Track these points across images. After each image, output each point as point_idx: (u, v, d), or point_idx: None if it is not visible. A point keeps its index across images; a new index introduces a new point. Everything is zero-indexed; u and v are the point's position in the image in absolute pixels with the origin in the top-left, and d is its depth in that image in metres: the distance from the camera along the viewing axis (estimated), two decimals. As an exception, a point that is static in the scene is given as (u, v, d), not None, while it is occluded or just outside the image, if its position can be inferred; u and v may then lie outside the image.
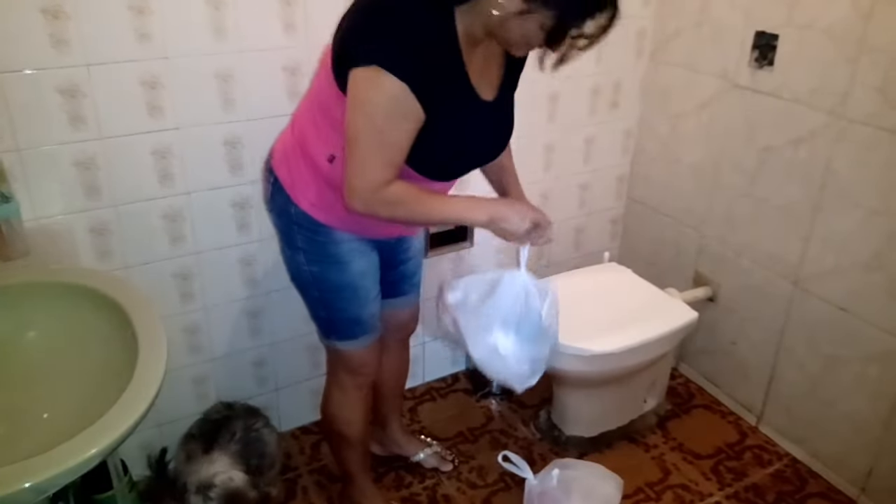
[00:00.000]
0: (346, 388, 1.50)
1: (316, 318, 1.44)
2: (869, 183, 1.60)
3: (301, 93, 1.59)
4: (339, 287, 1.35)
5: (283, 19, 1.51)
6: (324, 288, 1.36)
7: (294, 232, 1.32)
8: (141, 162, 1.48)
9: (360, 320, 1.40)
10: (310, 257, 1.33)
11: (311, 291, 1.38)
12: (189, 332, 1.70)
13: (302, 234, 1.32)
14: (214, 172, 1.57)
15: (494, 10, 1.05)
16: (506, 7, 1.04)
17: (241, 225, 1.65)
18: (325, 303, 1.38)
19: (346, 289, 1.35)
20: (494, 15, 1.06)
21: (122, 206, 1.50)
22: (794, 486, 1.84)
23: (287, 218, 1.32)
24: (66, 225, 1.45)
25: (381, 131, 1.08)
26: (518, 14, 1.04)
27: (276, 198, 1.34)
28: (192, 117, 1.50)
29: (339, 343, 1.43)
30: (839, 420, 1.79)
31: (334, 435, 1.59)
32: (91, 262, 1.51)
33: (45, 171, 1.39)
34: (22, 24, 1.27)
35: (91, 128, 1.40)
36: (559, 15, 1.03)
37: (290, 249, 1.36)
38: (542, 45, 1.10)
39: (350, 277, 1.34)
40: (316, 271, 1.34)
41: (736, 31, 1.82)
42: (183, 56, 1.44)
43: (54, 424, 1.10)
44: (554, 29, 1.05)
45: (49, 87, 1.34)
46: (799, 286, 1.82)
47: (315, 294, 1.38)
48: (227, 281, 1.70)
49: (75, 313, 1.19)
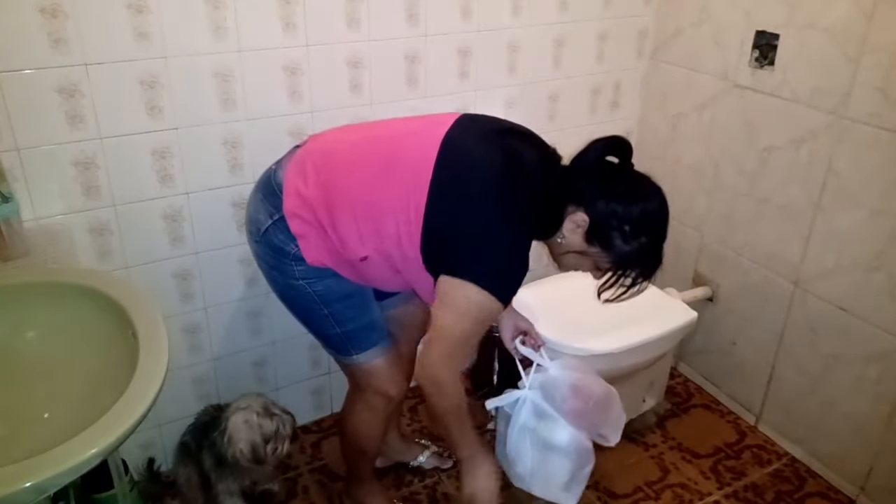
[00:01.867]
0: (377, 410, 1.48)
1: (329, 340, 1.38)
2: (870, 182, 1.60)
3: (301, 92, 1.58)
4: (345, 295, 1.32)
5: (283, 18, 1.51)
6: (331, 300, 1.31)
7: (288, 265, 1.28)
8: (140, 162, 1.48)
9: (373, 325, 1.38)
10: (309, 280, 1.29)
11: (319, 311, 1.32)
12: (189, 332, 1.70)
13: (300, 268, 1.28)
14: (214, 172, 1.57)
15: (559, 239, 1.22)
16: (569, 242, 1.21)
17: (241, 225, 1.64)
18: (335, 317, 1.33)
19: (352, 294, 1.33)
20: (558, 243, 1.23)
21: (121, 206, 1.50)
22: (793, 485, 1.84)
23: (282, 256, 1.27)
24: (66, 225, 1.45)
25: (472, 335, 1.23)
26: (578, 252, 1.22)
27: (274, 235, 1.27)
28: (191, 117, 1.49)
29: (361, 356, 1.38)
30: (839, 420, 1.79)
31: (351, 445, 1.58)
32: (91, 263, 1.50)
33: (45, 170, 1.39)
34: (20, 23, 1.27)
35: (90, 127, 1.40)
36: (616, 260, 1.20)
37: (286, 278, 1.30)
38: (594, 275, 1.26)
39: (350, 282, 1.31)
40: (320, 290, 1.30)
41: (736, 31, 1.82)
42: (182, 55, 1.43)
43: (54, 424, 1.10)
44: (607, 271, 1.22)
45: (48, 86, 1.33)
46: (799, 286, 1.82)
47: (323, 312, 1.32)
48: (227, 281, 1.70)
49: (75, 313, 1.19)
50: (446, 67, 1.76)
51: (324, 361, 1.94)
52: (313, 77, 1.59)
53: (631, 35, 2.03)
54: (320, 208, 1.23)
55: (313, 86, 1.60)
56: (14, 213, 1.28)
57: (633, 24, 2.02)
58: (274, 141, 1.56)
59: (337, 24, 1.57)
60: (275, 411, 1.51)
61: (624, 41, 2.02)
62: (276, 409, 1.51)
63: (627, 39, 2.03)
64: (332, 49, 1.59)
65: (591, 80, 2.02)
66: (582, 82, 2.01)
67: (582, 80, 2.00)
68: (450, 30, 1.72)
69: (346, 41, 1.60)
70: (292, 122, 1.60)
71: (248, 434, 1.47)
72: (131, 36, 1.37)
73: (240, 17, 1.46)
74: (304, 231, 1.25)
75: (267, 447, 1.48)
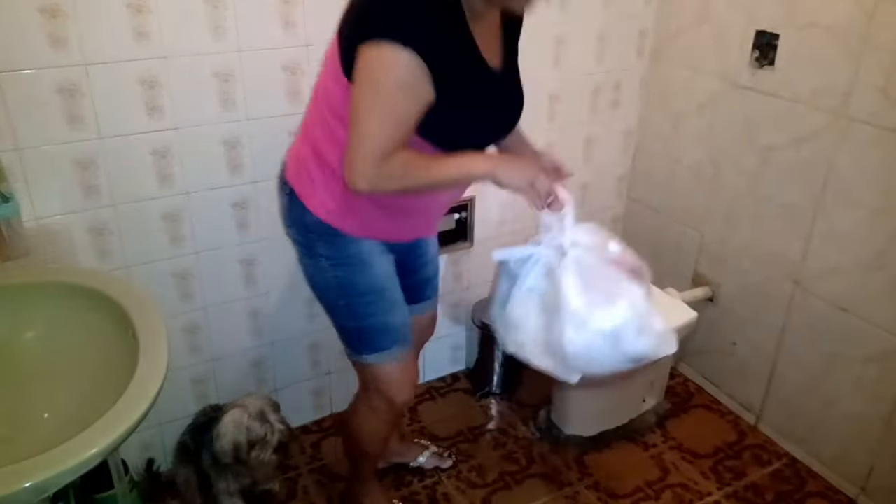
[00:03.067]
0: (380, 413, 1.46)
1: (345, 332, 1.39)
2: (871, 182, 1.60)
3: (301, 92, 1.58)
4: (365, 291, 1.32)
5: (284, 17, 1.51)
6: (350, 293, 1.32)
7: (312, 241, 1.31)
8: (140, 161, 1.48)
9: (388, 328, 1.36)
10: (332, 262, 1.30)
11: (339, 301, 1.34)
12: (189, 332, 1.70)
13: (321, 241, 1.30)
14: (214, 172, 1.57)
15: None
16: None
17: (240, 225, 1.64)
18: (352, 310, 1.34)
19: (372, 292, 1.33)
20: None
21: (121, 206, 1.50)
22: (794, 485, 1.84)
23: (304, 228, 1.31)
24: (66, 224, 1.45)
25: (387, 104, 1.05)
26: None
27: (293, 209, 1.31)
28: (191, 117, 1.49)
29: (370, 357, 1.37)
30: (839, 420, 1.79)
31: (353, 445, 1.58)
32: (91, 262, 1.50)
33: (45, 170, 1.39)
34: (20, 23, 1.27)
35: (90, 127, 1.40)
36: None
37: (312, 258, 1.33)
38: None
39: (375, 280, 1.32)
40: (341, 276, 1.31)
41: (737, 31, 1.82)
42: (182, 55, 1.43)
43: (54, 424, 1.10)
44: None
45: (48, 86, 1.33)
46: (800, 286, 1.82)
47: (342, 303, 1.34)
48: (227, 281, 1.70)
49: (75, 313, 1.19)
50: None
51: (324, 361, 1.94)
52: (313, 78, 1.58)
53: (631, 35, 2.03)
54: (308, 156, 1.27)
55: (313, 86, 1.59)
56: (14, 212, 1.28)
57: (634, 24, 2.02)
58: (274, 141, 1.56)
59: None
60: (269, 418, 1.50)
61: (624, 41, 2.02)
62: (271, 417, 1.51)
63: (627, 39, 2.03)
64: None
65: (592, 80, 2.02)
66: (582, 82, 2.01)
67: (582, 79, 2.00)
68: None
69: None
70: (293, 121, 1.60)
71: (235, 433, 1.47)
72: (131, 35, 1.37)
73: (239, 17, 1.46)
74: (305, 184, 1.28)
75: (252, 451, 1.49)
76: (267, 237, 1.68)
